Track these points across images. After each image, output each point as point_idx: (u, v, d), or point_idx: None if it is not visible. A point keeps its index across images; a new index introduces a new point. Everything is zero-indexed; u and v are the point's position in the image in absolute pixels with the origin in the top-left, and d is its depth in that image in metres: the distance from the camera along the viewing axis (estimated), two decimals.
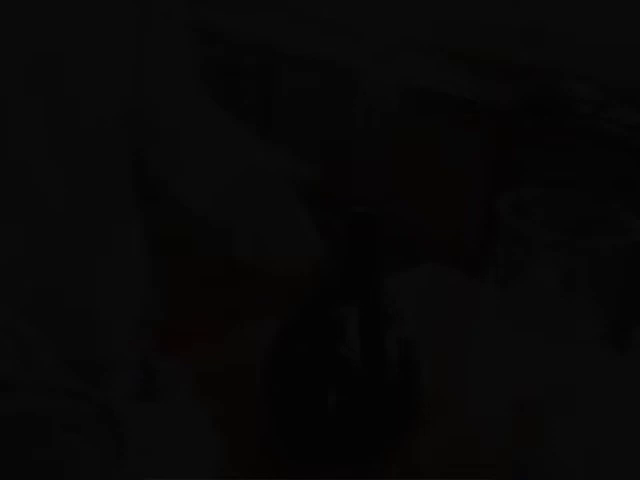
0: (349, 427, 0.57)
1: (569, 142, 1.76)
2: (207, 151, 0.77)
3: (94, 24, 0.66)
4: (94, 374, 0.50)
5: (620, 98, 1.75)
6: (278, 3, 2.88)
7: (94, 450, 0.46)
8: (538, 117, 1.78)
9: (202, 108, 0.80)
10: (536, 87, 1.82)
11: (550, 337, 0.62)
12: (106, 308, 0.76)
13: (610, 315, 0.62)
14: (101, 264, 0.75)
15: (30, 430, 0.45)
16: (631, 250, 0.56)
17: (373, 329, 0.57)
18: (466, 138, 2.06)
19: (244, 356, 0.69)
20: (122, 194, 0.78)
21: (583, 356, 0.63)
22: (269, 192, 0.71)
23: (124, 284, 0.80)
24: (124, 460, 0.46)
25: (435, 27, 2.25)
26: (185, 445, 0.50)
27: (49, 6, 0.62)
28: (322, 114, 2.55)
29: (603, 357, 0.76)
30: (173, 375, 0.53)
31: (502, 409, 0.67)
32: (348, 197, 2.33)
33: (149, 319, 0.86)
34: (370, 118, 2.26)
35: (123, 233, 0.79)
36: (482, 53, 2.12)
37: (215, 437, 0.52)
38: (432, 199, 2.22)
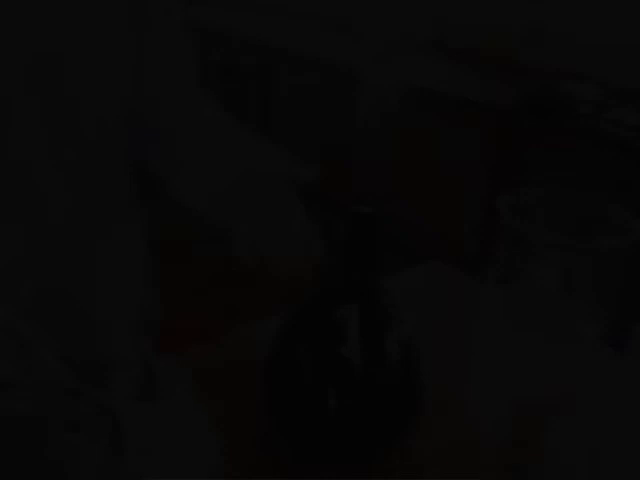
0: (349, 427, 0.57)
1: (569, 142, 1.76)
2: (207, 151, 0.77)
3: (94, 24, 0.66)
4: (94, 374, 0.50)
5: (620, 98, 1.75)
6: (278, 3, 2.88)
7: (94, 450, 0.46)
8: (538, 117, 1.78)
9: (202, 108, 0.80)
10: (536, 87, 1.82)
11: (550, 337, 0.62)
12: (106, 308, 0.76)
13: (610, 315, 0.62)
14: (101, 264, 0.75)
15: (30, 430, 0.45)
16: (631, 250, 0.56)
17: (373, 329, 0.57)
18: (466, 138, 2.06)
19: (244, 356, 0.69)
20: (122, 194, 0.78)
21: (583, 356, 0.63)
22: (268, 192, 0.71)
23: (124, 284, 0.80)
24: (124, 460, 0.46)
25: (435, 27, 2.25)
26: (185, 445, 0.50)
27: (49, 6, 0.62)
28: (322, 114, 2.55)
29: (603, 357, 0.76)
30: (173, 375, 0.53)
31: (502, 409, 0.67)
32: (348, 197, 2.33)
33: (149, 319, 0.86)
34: (370, 118, 2.26)
35: (123, 233, 0.79)
36: (482, 53, 2.12)
37: (215, 437, 0.52)
38: (432, 199, 2.22)
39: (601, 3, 1.88)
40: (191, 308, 1.93)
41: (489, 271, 0.64)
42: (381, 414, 0.57)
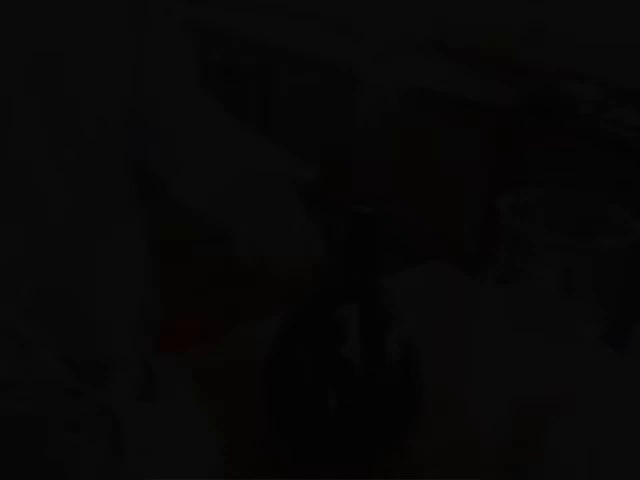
0: (349, 427, 0.57)
1: (569, 142, 1.76)
2: (207, 151, 0.77)
3: (94, 24, 0.66)
4: (94, 374, 0.50)
5: (620, 98, 1.75)
6: (278, 3, 2.88)
7: (94, 450, 0.46)
8: (538, 117, 1.78)
9: (202, 108, 0.80)
10: (536, 87, 1.82)
11: (550, 337, 0.62)
12: (106, 308, 0.76)
13: (610, 315, 0.62)
14: (101, 264, 0.75)
15: (30, 430, 0.45)
16: (631, 250, 0.56)
17: (373, 329, 0.57)
18: (466, 138, 2.06)
19: (244, 356, 0.69)
20: (122, 194, 0.78)
21: (583, 356, 0.63)
22: (268, 192, 0.71)
23: (124, 284, 0.80)
24: (124, 460, 0.46)
25: (435, 27, 2.25)
26: (185, 445, 0.50)
27: (49, 6, 0.62)
28: (322, 114, 2.55)
29: (603, 357, 0.76)
30: (173, 375, 0.53)
31: (502, 409, 0.67)
32: (348, 197, 2.33)
33: (149, 319, 0.86)
34: (370, 118, 2.26)
35: (123, 233, 0.79)
36: (482, 53, 2.12)
37: (215, 437, 0.52)
38: (432, 199, 2.22)
39: (601, 3, 1.88)
40: (191, 308, 1.93)
41: (489, 271, 0.64)
42: (381, 414, 0.57)
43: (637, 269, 1.54)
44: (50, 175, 0.66)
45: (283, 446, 0.61)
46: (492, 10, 2.12)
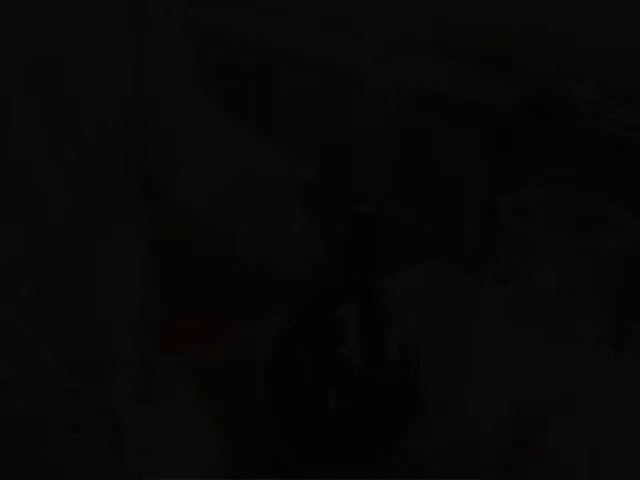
0: (349, 427, 0.57)
1: (569, 142, 1.76)
2: (207, 151, 0.77)
3: (94, 24, 0.66)
4: (94, 374, 0.50)
5: (620, 98, 1.75)
6: (278, 3, 2.88)
7: (94, 450, 0.46)
8: (538, 117, 1.78)
9: (202, 108, 0.80)
10: (536, 87, 1.82)
11: (550, 337, 0.62)
12: (106, 308, 0.76)
13: (610, 315, 0.62)
14: (101, 264, 0.75)
15: (30, 430, 0.45)
16: (631, 250, 0.56)
17: (373, 329, 0.57)
18: (466, 138, 2.06)
19: (244, 356, 0.69)
20: (122, 194, 0.78)
21: (583, 356, 0.63)
22: (268, 192, 0.71)
23: (124, 284, 0.80)
24: (124, 460, 0.46)
25: (435, 27, 2.25)
26: (185, 445, 0.50)
27: (49, 6, 0.62)
28: (322, 114, 2.55)
29: (603, 357, 0.76)
30: (173, 375, 0.53)
31: (502, 409, 0.67)
32: (348, 197, 2.33)
33: (149, 319, 0.86)
34: (370, 118, 2.26)
35: (123, 233, 0.79)
36: (482, 53, 2.12)
37: (215, 437, 0.52)
38: (432, 199, 2.22)
39: (601, 3, 1.88)
40: (191, 308, 1.93)
41: (489, 271, 0.64)
42: (381, 414, 0.57)
43: (637, 269, 1.54)
44: (50, 175, 0.66)
45: (283, 446, 0.61)
46: (492, 10, 2.12)
